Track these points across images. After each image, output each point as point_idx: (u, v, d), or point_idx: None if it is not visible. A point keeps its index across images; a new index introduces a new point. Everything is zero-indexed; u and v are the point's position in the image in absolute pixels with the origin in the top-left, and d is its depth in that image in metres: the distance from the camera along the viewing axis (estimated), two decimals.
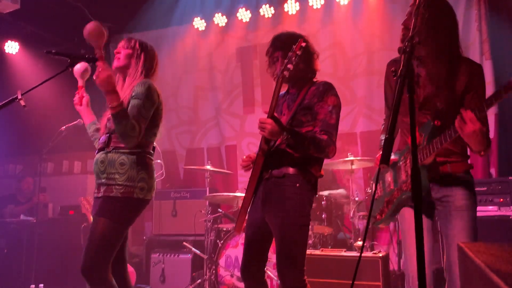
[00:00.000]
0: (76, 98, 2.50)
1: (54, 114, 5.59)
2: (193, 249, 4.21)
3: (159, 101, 2.35)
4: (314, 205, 3.96)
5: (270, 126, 2.07)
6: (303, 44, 2.17)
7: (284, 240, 2.13)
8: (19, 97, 2.24)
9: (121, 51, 2.38)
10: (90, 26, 2.14)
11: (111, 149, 2.25)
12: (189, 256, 4.51)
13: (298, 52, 2.15)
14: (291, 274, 2.11)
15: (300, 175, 2.18)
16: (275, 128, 2.07)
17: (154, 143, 2.42)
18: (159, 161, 5.20)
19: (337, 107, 2.24)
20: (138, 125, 2.16)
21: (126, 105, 2.20)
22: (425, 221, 2.05)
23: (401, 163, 2.09)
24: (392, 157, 2.13)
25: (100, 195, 2.23)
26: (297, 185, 2.16)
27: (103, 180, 2.23)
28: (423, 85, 2.03)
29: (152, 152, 2.39)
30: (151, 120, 2.31)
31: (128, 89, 2.29)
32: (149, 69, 2.43)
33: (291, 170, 2.19)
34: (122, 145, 2.24)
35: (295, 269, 2.11)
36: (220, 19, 5.74)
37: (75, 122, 4.24)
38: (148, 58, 2.43)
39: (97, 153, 2.31)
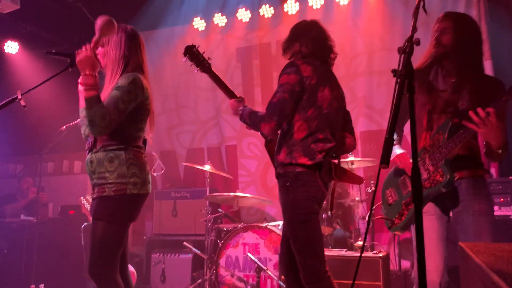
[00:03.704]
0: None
1: (54, 114, 5.59)
2: (194, 249, 4.21)
3: (145, 95, 2.24)
4: None
5: (230, 105, 2.39)
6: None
7: (290, 240, 2.17)
8: (19, 97, 2.23)
9: (98, 52, 2.29)
10: (103, 19, 2.18)
11: (99, 148, 2.21)
12: (190, 256, 4.51)
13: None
14: (302, 270, 2.13)
15: (288, 172, 2.14)
16: (233, 108, 2.36)
17: (147, 137, 2.37)
18: (153, 153, 5.21)
19: (285, 84, 2.13)
20: (109, 116, 2.08)
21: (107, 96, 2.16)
22: (441, 228, 2.11)
23: (419, 163, 2.15)
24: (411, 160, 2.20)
25: (95, 196, 2.21)
26: (287, 184, 2.13)
27: (95, 181, 2.21)
28: (447, 93, 2.14)
29: (142, 146, 2.32)
30: (136, 115, 2.24)
31: (110, 86, 2.22)
32: (128, 59, 2.28)
33: (279, 170, 2.20)
34: (109, 143, 2.20)
35: (304, 266, 2.12)
36: (220, 19, 5.74)
37: (75, 122, 4.24)
38: (121, 50, 2.28)
39: (87, 154, 2.28)
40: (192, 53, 2.45)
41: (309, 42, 2.26)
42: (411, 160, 2.22)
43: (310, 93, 2.14)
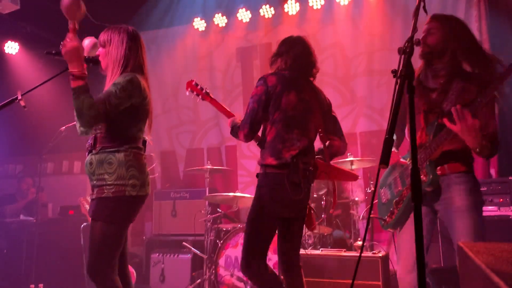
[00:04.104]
0: None
1: (54, 114, 5.59)
2: (193, 249, 4.21)
3: (143, 96, 2.23)
4: (313, 204, 3.99)
5: (228, 123, 2.61)
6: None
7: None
8: (19, 97, 2.23)
9: (99, 53, 2.29)
10: (65, 2, 2.17)
11: (98, 150, 2.20)
12: (189, 256, 4.51)
13: None
14: (241, 258, 2.33)
15: (262, 172, 2.37)
16: (229, 125, 2.61)
17: (146, 138, 2.35)
18: (152, 154, 5.21)
19: (254, 96, 2.39)
20: (96, 106, 2.06)
21: None
22: (424, 221, 2.08)
23: (409, 163, 2.16)
24: (402, 160, 2.25)
25: (94, 197, 2.21)
26: (259, 184, 2.37)
27: (94, 182, 2.21)
28: (436, 93, 2.13)
29: (142, 147, 2.31)
30: (134, 115, 2.23)
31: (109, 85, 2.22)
32: (128, 59, 2.27)
33: (259, 170, 2.41)
34: (109, 145, 2.19)
35: (242, 256, 2.31)
36: (220, 20, 5.74)
37: (75, 122, 4.23)
38: (122, 50, 2.27)
39: (87, 155, 2.27)
40: (192, 86, 2.90)
41: (289, 59, 2.48)
42: (400, 158, 2.24)
43: (275, 99, 2.35)
